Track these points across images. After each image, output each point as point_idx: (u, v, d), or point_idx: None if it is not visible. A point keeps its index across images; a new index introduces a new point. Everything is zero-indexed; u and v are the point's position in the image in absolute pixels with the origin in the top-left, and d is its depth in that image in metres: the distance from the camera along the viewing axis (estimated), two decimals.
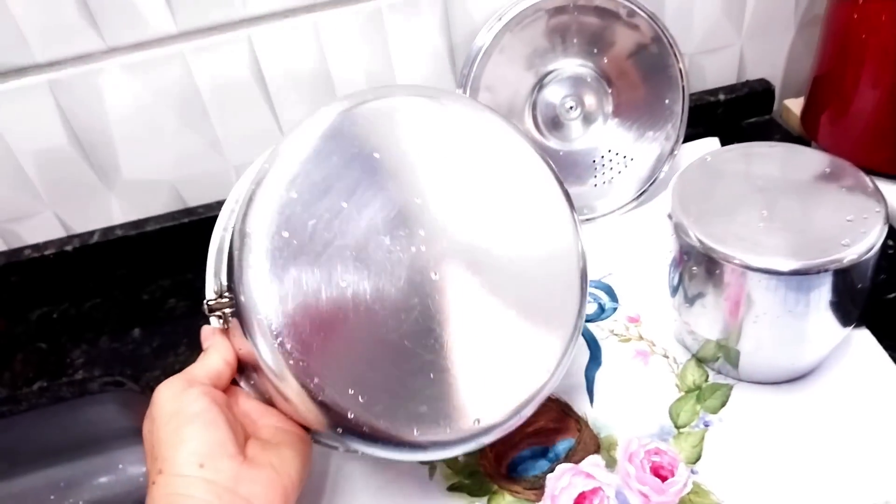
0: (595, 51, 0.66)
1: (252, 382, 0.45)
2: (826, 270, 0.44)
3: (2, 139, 0.64)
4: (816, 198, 0.48)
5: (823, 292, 0.46)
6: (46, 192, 0.68)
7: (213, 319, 0.43)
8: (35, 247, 0.71)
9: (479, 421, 0.42)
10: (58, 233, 0.72)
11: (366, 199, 0.42)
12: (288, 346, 0.38)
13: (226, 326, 0.43)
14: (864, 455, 0.48)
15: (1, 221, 0.70)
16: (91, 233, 0.71)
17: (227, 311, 0.40)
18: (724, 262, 0.46)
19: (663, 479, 0.48)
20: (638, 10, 0.64)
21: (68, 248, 0.70)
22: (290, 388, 0.39)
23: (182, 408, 0.40)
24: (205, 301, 0.41)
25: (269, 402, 0.44)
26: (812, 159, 0.52)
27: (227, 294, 0.40)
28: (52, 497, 0.68)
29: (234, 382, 0.44)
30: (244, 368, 0.44)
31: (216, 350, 0.43)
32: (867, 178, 0.49)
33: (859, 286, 0.47)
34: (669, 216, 0.50)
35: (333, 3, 0.63)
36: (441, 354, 0.42)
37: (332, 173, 0.41)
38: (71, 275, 0.71)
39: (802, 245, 0.45)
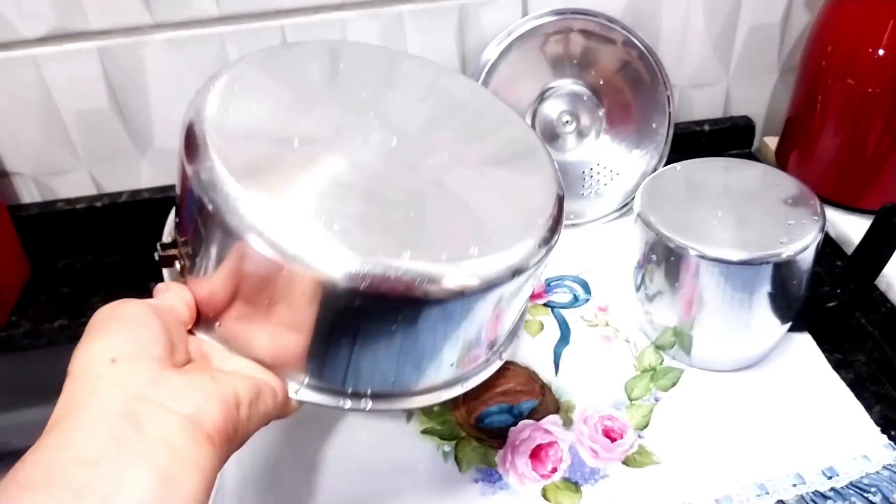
0: (592, 72, 0.73)
1: (218, 325, 0.38)
2: (767, 263, 0.51)
3: (50, 97, 0.71)
4: (766, 206, 0.55)
5: (765, 284, 0.52)
6: (84, 150, 0.75)
7: (165, 273, 0.40)
8: (67, 200, 0.77)
9: (476, 251, 0.37)
10: (90, 190, 0.78)
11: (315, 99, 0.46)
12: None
13: (183, 279, 0.39)
14: (789, 436, 0.53)
15: (39, 174, 0.76)
16: (120, 193, 0.77)
17: (185, 251, 0.38)
18: (681, 251, 0.53)
19: (613, 440, 0.54)
20: (635, 41, 0.71)
21: (98, 204, 0.76)
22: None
23: (112, 312, 0.34)
24: (157, 246, 0.39)
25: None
26: (767, 174, 0.58)
27: (181, 239, 0.39)
28: None
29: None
30: (205, 318, 0.38)
31: (171, 291, 0.38)
32: (811, 192, 0.55)
33: (795, 283, 0.53)
34: (638, 214, 0.57)
35: (360, 4, 0.70)
36: (422, 195, 0.41)
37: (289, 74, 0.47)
38: (97, 230, 0.77)
39: (749, 241, 0.52)
